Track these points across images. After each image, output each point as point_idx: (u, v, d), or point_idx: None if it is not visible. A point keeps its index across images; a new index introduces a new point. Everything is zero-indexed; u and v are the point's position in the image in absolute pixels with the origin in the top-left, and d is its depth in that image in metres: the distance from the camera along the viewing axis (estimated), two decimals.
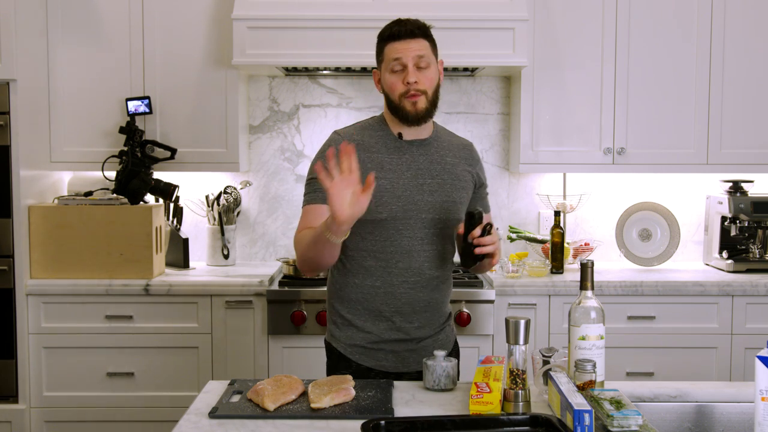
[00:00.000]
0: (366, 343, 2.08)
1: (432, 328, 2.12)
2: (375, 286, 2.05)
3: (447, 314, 2.18)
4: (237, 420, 1.65)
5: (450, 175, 2.08)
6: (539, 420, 1.55)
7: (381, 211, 2.00)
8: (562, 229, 3.40)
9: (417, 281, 2.05)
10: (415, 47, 1.99)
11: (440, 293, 2.12)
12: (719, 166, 3.47)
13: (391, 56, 2.00)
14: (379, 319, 2.07)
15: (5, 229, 3.15)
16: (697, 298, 3.23)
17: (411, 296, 2.05)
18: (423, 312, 2.08)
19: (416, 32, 2.01)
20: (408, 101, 1.99)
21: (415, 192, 2.03)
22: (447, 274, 2.14)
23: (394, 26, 2.02)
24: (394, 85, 2.00)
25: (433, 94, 2.02)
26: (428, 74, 2.00)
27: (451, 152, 2.12)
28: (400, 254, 2.03)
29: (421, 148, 2.07)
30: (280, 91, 3.73)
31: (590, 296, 1.74)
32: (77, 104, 3.39)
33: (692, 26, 3.42)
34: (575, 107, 3.44)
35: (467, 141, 2.21)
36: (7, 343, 3.16)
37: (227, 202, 3.61)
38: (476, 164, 2.17)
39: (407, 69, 1.98)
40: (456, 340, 2.25)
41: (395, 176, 2.03)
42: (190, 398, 1.97)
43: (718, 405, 1.80)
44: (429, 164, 2.06)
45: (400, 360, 2.09)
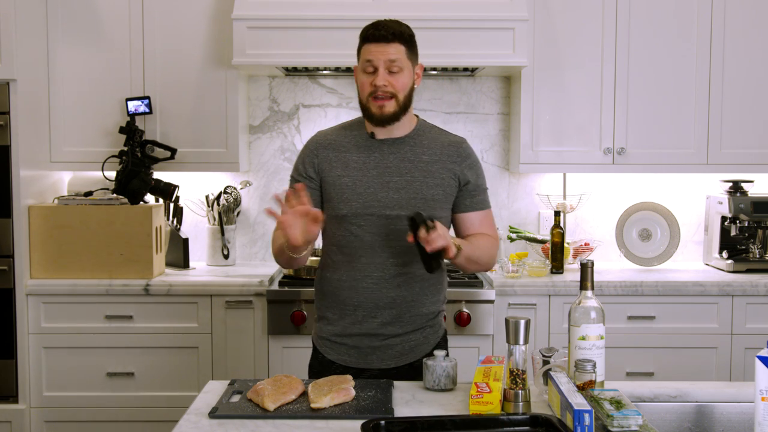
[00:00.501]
0: (331, 336, 2.15)
1: (400, 327, 2.10)
2: (341, 279, 2.11)
3: (426, 316, 2.14)
4: (237, 420, 1.65)
5: (422, 172, 2.08)
6: (539, 420, 1.55)
7: (342, 208, 2.06)
8: (562, 229, 3.40)
9: (381, 277, 2.07)
10: (389, 51, 2.02)
11: (410, 291, 2.09)
12: (719, 166, 3.47)
13: (364, 57, 2.05)
14: (344, 312, 2.12)
15: (5, 229, 3.15)
16: (697, 298, 3.23)
17: (374, 291, 2.08)
18: (387, 309, 2.08)
19: (390, 37, 2.02)
20: (374, 103, 2.04)
21: (379, 189, 2.07)
22: (422, 273, 2.09)
23: (371, 29, 2.05)
24: (363, 85, 2.06)
25: (405, 98, 2.06)
26: (400, 78, 2.04)
27: (430, 150, 2.12)
28: (363, 249, 2.08)
29: (393, 147, 2.10)
30: (280, 91, 3.73)
31: (590, 296, 1.74)
32: (77, 104, 3.39)
33: (692, 26, 3.42)
34: (575, 107, 3.44)
35: (458, 138, 2.19)
36: (7, 343, 3.16)
37: (227, 202, 3.61)
38: (463, 161, 2.14)
39: (378, 71, 2.02)
40: (440, 345, 2.19)
41: (359, 174, 2.08)
42: (190, 398, 1.97)
43: (718, 405, 1.80)
44: (399, 162, 2.09)
45: (362, 356, 2.11)
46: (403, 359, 2.12)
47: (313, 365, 2.20)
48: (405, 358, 2.12)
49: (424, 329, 2.14)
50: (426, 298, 2.13)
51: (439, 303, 2.19)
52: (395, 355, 2.11)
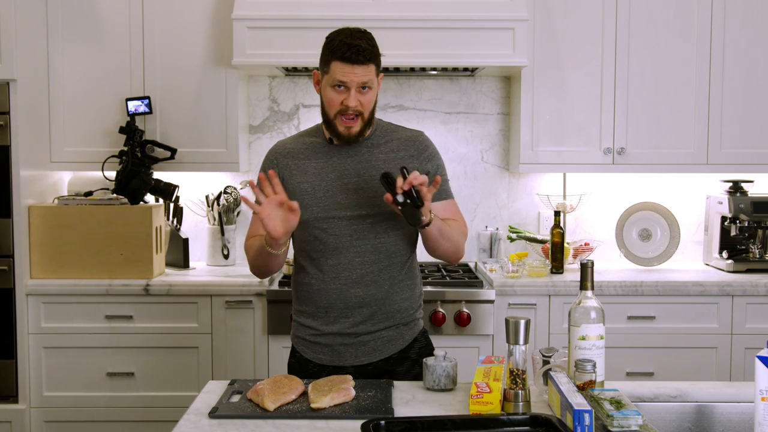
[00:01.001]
0: (306, 335, 2.16)
1: (372, 325, 2.11)
2: (310, 283, 2.13)
3: (399, 313, 2.14)
4: (237, 420, 1.65)
5: (380, 170, 2.08)
6: (539, 420, 1.55)
7: (303, 214, 2.05)
8: (562, 229, 3.40)
9: (348, 277, 2.09)
10: (362, 73, 2.01)
11: (379, 289, 2.10)
12: (719, 166, 3.47)
13: (336, 75, 2.01)
14: (316, 314, 2.14)
15: (5, 229, 3.15)
16: (697, 298, 3.23)
17: (343, 292, 2.09)
18: (358, 308, 2.09)
19: (366, 61, 2.01)
20: (342, 123, 2.05)
21: (338, 192, 2.09)
22: (390, 270, 2.11)
23: (347, 50, 2.00)
24: (332, 101, 2.04)
25: (369, 114, 2.07)
26: (368, 96, 2.05)
27: (387, 148, 2.13)
28: (329, 252, 2.09)
29: (351, 150, 2.12)
30: (280, 91, 3.73)
31: (590, 296, 1.74)
32: (77, 104, 3.39)
33: (692, 26, 3.42)
34: (575, 107, 3.44)
35: (415, 132, 2.20)
36: (7, 343, 3.16)
37: (227, 202, 3.61)
38: (420, 154, 2.15)
39: (349, 92, 2.02)
40: (418, 339, 2.18)
41: (317, 179, 2.10)
42: (190, 398, 1.97)
43: (718, 405, 1.80)
44: (357, 164, 2.11)
45: (336, 354, 2.12)
46: (376, 355, 2.12)
47: (291, 364, 2.23)
48: (378, 354, 2.12)
49: (398, 326, 2.15)
50: (396, 294, 2.13)
51: (412, 300, 2.18)
52: (368, 351, 2.12)
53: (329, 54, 2.04)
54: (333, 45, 2.04)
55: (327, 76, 2.05)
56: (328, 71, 2.05)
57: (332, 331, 2.11)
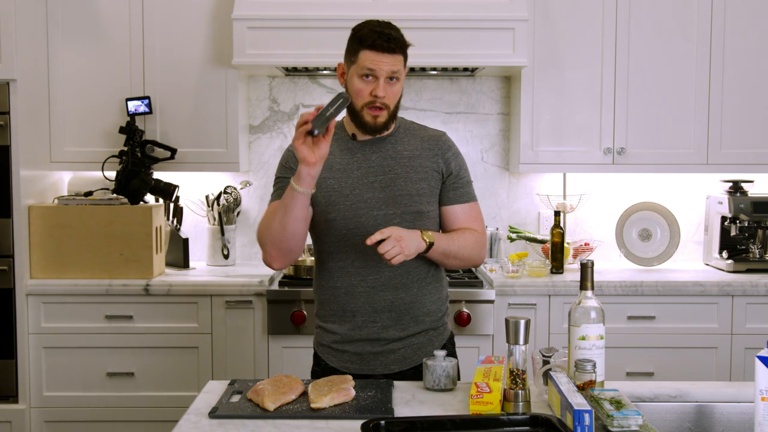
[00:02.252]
0: (332, 342, 2.11)
1: (401, 330, 2.06)
2: (336, 287, 2.08)
3: (428, 317, 2.10)
4: (237, 420, 1.65)
5: (405, 168, 2.05)
6: (539, 420, 1.55)
7: (330, 212, 2.02)
8: (562, 229, 3.40)
9: (376, 279, 2.04)
10: (392, 62, 1.97)
11: (407, 292, 2.06)
12: (719, 166, 3.47)
13: (365, 64, 1.97)
14: (343, 319, 2.08)
15: (5, 229, 3.15)
16: (697, 298, 3.23)
17: (371, 295, 2.04)
18: (386, 312, 2.05)
19: (397, 49, 1.98)
20: (370, 113, 2.00)
21: (365, 190, 2.04)
22: (418, 273, 2.07)
23: (377, 37, 1.96)
24: (360, 92, 2.00)
25: (395, 108, 2.04)
26: (396, 89, 2.01)
27: (411, 145, 2.09)
28: (356, 253, 2.04)
29: (374, 146, 2.07)
30: (280, 91, 3.73)
31: (590, 296, 1.74)
32: (77, 104, 3.39)
33: (692, 26, 3.42)
34: (575, 107, 3.44)
35: (438, 132, 2.16)
36: (7, 343, 3.16)
37: (227, 202, 3.61)
38: (444, 153, 2.11)
39: (378, 82, 1.97)
40: (447, 347, 2.15)
41: (344, 176, 2.05)
42: (190, 398, 1.97)
43: (718, 405, 1.80)
44: (382, 161, 2.06)
45: (364, 362, 2.07)
46: (406, 363, 2.08)
47: (315, 372, 2.16)
48: (408, 362, 2.08)
49: (427, 332, 2.10)
50: (425, 297, 2.09)
51: (440, 302, 2.14)
52: (398, 359, 2.07)
53: (357, 43, 2.00)
54: (362, 34, 1.99)
55: (354, 66, 2.00)
56: (355, 61, 1.99)
57: (360, 337, 2.06)
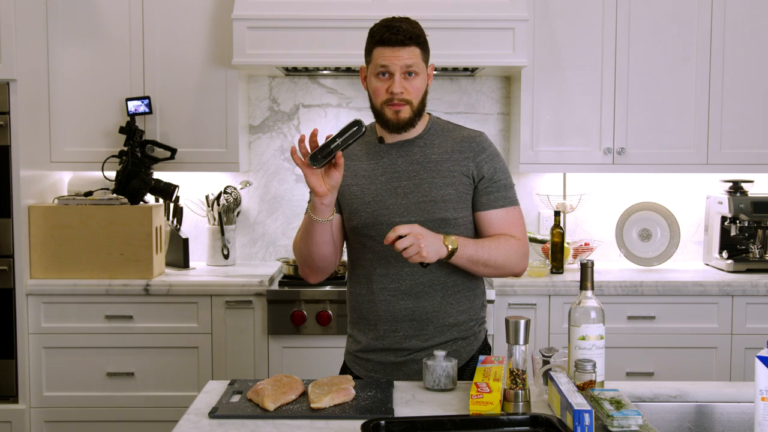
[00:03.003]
0: (357, 351, 2.08)
1: (424, 340, 2.00)
2: (361, 294, 2.05)
3: (455, 327, 2.02)
4: (237, 420, 1.65)
5: (430, 173, 1.98)
6: (539, 420, 1.55)
7: (352, 219, 1.99)
8: (562, 229, 3.40)
9: (397, 288, 1.99)
10: (405, 56, 1.91)
11: (430, 301, 1.99)
12: (719, 166, 3.47)
13: (378, 62, 1.93)
14: (367, 327, 2.05)
15: (5, 229, 3.15)
16: (697, 298, 3.23)
17: (392, 304, 1.99)
18: (407, 321, 1.99)
19: (406, 41, 1.92)
20: (390, 109, 1.94)
21: (387, 196, 1.98)
22: (443, 281, 2.00)
23: (385, 31, 1.92)
24: (378, 90, 1.95)
25: (419, 103, 1.97)
26: (415, 83, 1.94)
27: (441, 148, 2.01)
28: (378, 261, 1.99)
29: (401, 150, 2.01)
30: (280, 91, 3.73)
31: (590, 296, 1.73)
32: (77, 104, 3.39)
33: (692, 26, 3.42)
34: (575, 107, 3.44)
35: (474, 132, 2.06)
36: (7, 343, 3.16)
37: (227, 202, 3.61)
38: (477, 155, 2.01)
39: (393, 78, 1.92)
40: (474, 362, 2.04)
41: (367, 182, 2.00)
42: (190, 398, 1.97)
43: (718, 405, 1.80)
44: (408, 165, 2.00)
45: (388, 372, 2.03)
46: None
47: None
48: None
49: (454, 341, 2.02)
50: (451, 307, 2.01)
51: (471, 312, 2.05)
52: (421, 369, 1.97)
53: (371, 42, 1.97)
54: (373, 31, 1.97)
55: (371, 66, 1.96)
56: (371, 60, 1.96)
57: (382, 346, 2.02)
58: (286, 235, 3.74)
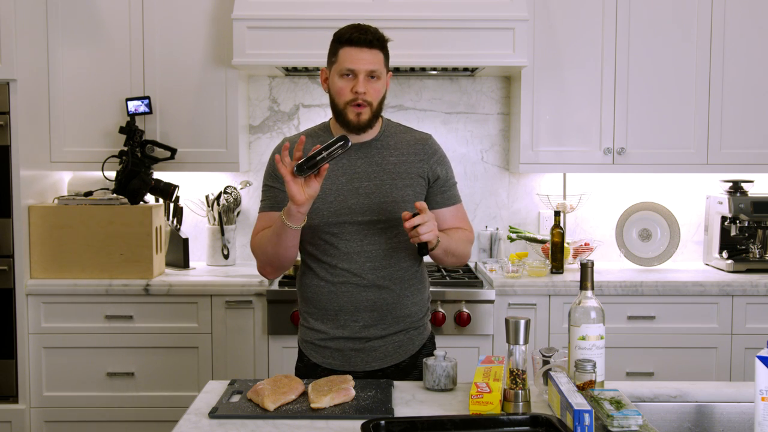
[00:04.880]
0: (315, 339, 2.13)
1: (382, 329, 2.09)
2: (320, 285, 2.11)
3: (410, 317, 2.13)
4: (237, 420, 1.65)
5: (390, 174, 2.08)
6: (539, 420, 1.55)
7: (313, 218, 2.04)
8: (562, 229, 3.40)
9: (359, 281, 2.07)
10: (370, 59, 2.00)
11: (390, 293, 2.09)
12: (719, 166, 3.47)
13: (344, 62, 2.01)
14: (326, 317, 2.11)
15: (5, 229, 3.15)
16: (697, 298, 3.23)
17: (353, 295, 2.07)
18: (368, 311, 2.08)
19: (375, 43, 2.01)
20: (352, 110, 2.02)
21: (349, 196, 2.06)
22: (401, 275, 2.11)
23: (354, 32, 2.01)
24: (341, 90, 2.02)
25: (378, 106, 2.05)
26: (377, 86, 2.03)
27: (397, 150, 2.11)
28: (340, 257, 2.07)
29: (360, 152, 2.09)
30: (280, 91, 3.73)
31: (590, 296, 1.74)
32: (77, 104, 3.39)
33: (692, 26, 3.42)
34: (575, 107, 3.44)
35: (424, 135, 2.18)
36: (7, 343, 3.16)
37: (227, 202, 3.61)
38: (430, 158, 2.14)
39: (358, 78, 2.00)
40: (426, 346, 2.18)
41: (328, 182, 2.05)
42: (190, 398, 1.97)
43: (718, 405, 1.80)
44: (367, 167, 2.08)
45: (346, 359, 2.10)
46: (387, 361, 2.11)
47: (299, 368, 2.20)
48: (389, 360, 2.11)
49: (408, 331, 2.14)
50: (407, 299, 2.12)
51: (422, 303, 2.17)
52: (379, 357, 2.10)
53: (337, 43, 2.04)
54: (340, 33, 2.04)
55: (335, 66, 2.04)
56: (336, 61, 2.03)
57: (342, 335, 2.09)
58: None
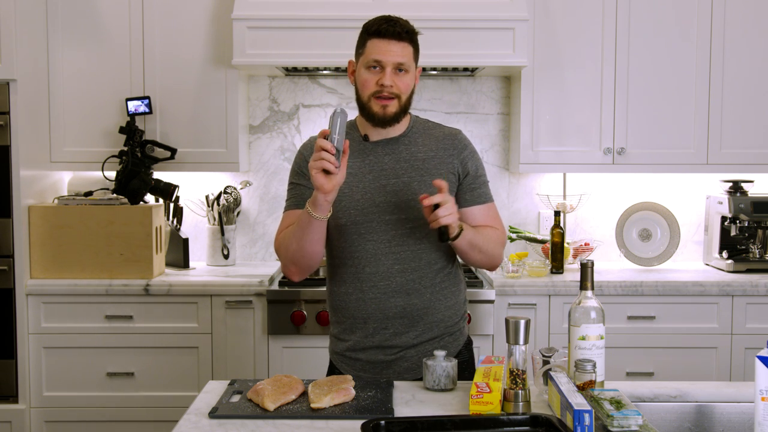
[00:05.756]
0: (345, 351, 2.07)
1: (414, 337, 2.02)
2: (348, 292, 2.04)
3: (443, 323, 2.05)
4: (237, 420, 1.65)
5: (418, 171, 2.01)
6: (539, 420, 1.55)
7: (340, 217, 1.98)
8: (562, 229, 3.40)
9: (387, 285, 1.99)
10: (398, 51, 1.94)
11: (420, 298, 2.01)
12: (719, 166, 3.47)
13: (371, 54, 1.95)
14: (354, 326, 2.04)
15: (5, 229, 3.15)
16: (697, 298, 3.23)
17: (382, 302, 1.99)
18: (398, 318, 2.00)
19: (404, 35, 1.95)
20: (377, 103, 1.96)
21: (376, 194, 1.99)
22: (432, 277, 2.03)
23: (383, 23, 1.95)
24: (367, 82, 1.97)
25: (406, 100, 1.99)
26: (405, 79, 1.97)
27: (425, 146, 2.04)
28: (367, 259, 2.00)
29: (387, 148, 2.03)
30: (280, 91, 3.73)
31: (590, 296, 1.74)
32: (77, 104, 3.39)
33: (692, 26, 3.42)
34: (575, 107, 3.44)
35: (454, 129, 2.11)
36: (7, 343, 3.16)
37: (227, 202, 3.61)
38: (461, 152, 2.06)
39: (385, 71, 1.94)
40: (462, 354, 2.10)
41: (355, 180, 2.00)
42: (190, 398, 1.97)
43: (718, 405, 1.80)
44: (395, 163, 2.01)
45: (377, 371, 2.03)
46: (420, 372, 2.01)
47: None
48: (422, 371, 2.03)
49: (441, 338, 2.05)
50: (439, 303, 2.04)
51: (456, 307, 2.08)
52: (411, 367, 2.02)
53: (365, 34, 1.98)
54: (369, 24, 1.98)
55: (362, 58, 1.98)
56: (363, 52, 1.98)
57: (372, 344, 2.02)
58: None
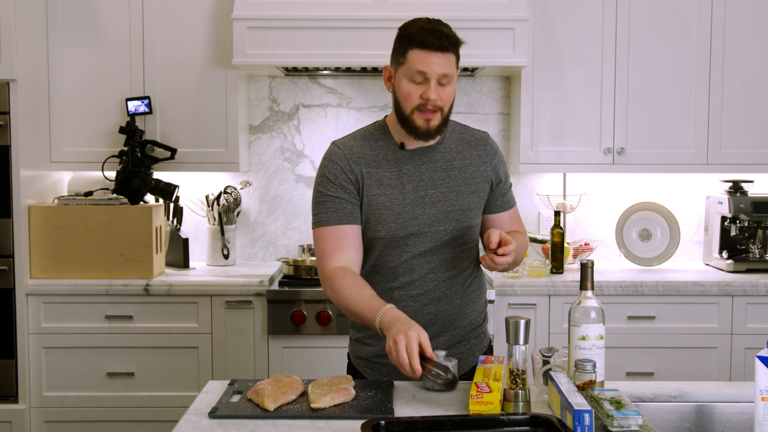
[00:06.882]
0: (371, 356, 2.05)
1: (443, 342, 2.00)
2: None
3: (469, 326, 2.04)
4: (237, 420, 1.65)
5: (456, 180, 1.97)
6: (539, 420, 1.55)
7: (380, 230, 1.94)
8: (562, 229, 3.40)
9: (420, 294, 1.97)
10: (443, 62, 1.85)
11: (451, 305, 1.99)
12: (719, 166, 3.47)
13: (415, 66, 1.85)
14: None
15: (5, 229, 3.15)
16: (697, 298, 3.23)
17: (414, 310, 1.96)
18: (429, 325, 1.94)
19: (449, 47, 1.86)
20: (421, 116, 1.88)
21: (416, 206, 1.94)
22: (462, 283, 2.02)
23: (428, 35, 1.83)
24: (410, 95, 1.87)
25: (448, 111, 1.93)
26: (448, 91, 1.90)
27: (461, 153, 2.00)
28: (402, 268, 1.97)
29: (424, 156, 1.97)
30: (280, 91, 3.73)
31: (590, 296, 1.73)
32: (77, 104, 3.39)
33: (692, 26, 3.42)
34: (575, 107, 3.44)
35: (482, 134, 2.06)
36: (7, 343, 3.16)
37: (227, 202, 3.61)
38: (492, 159, 2.01)
39: (429, 83, 1.86)
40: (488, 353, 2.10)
41: (395, 192, 1.94)
42: (190, 398, 1.97)
43: (718, 405, 1.80)
44: (432, 173, 1.96)
45: (404, 375, 1.99)
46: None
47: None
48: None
49: (468, 341, 2.04)
50: (468, 307, 2.03)
51: (481, 309, 2.08)
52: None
53: (406, 42, 1.86)
54: (410, 32, 1.86)
55: (403, 68, 1.87)
56: (404, 62, 1.86)
57: None
58: (286, 235, 3.74)
